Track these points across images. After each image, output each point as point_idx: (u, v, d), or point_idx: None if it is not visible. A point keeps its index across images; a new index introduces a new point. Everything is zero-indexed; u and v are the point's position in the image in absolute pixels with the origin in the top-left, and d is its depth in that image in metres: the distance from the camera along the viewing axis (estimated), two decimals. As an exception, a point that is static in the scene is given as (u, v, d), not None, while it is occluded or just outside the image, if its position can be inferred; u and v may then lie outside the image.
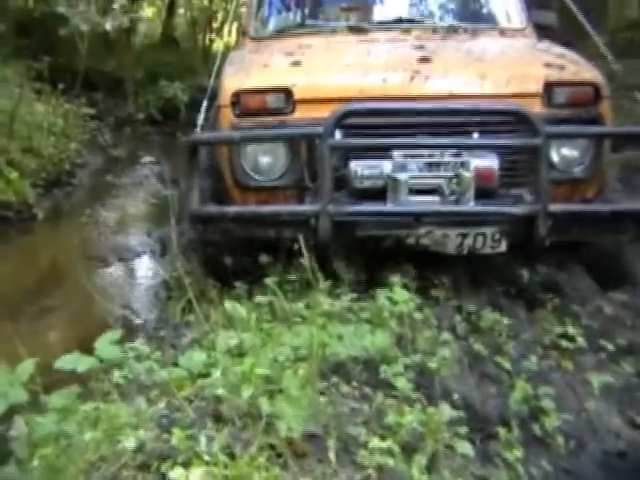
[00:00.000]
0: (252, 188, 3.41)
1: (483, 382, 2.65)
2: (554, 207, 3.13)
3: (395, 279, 2.96)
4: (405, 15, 4.45)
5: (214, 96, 3.68)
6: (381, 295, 2.85)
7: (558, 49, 3.83)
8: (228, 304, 2.76)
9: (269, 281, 3.02)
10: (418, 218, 3.16)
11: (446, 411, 2.21)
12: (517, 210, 3.15)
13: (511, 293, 3.46)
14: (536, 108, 3.27)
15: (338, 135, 3.18)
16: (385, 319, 2.68)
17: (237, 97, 3.36)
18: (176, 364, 2.50)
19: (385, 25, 4.33)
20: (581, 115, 3.36)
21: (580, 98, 3.38)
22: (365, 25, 4.27)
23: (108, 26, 6.52)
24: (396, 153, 3.19)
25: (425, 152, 3.18)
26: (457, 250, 3.23)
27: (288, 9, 4.83)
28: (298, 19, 4.62)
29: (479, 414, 2.38)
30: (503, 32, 4.37)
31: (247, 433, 1.97)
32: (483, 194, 3.17)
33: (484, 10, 4.73)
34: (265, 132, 3.33)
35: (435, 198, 3.16)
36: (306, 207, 3.22)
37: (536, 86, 3.34)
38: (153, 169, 6.91)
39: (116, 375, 2.47)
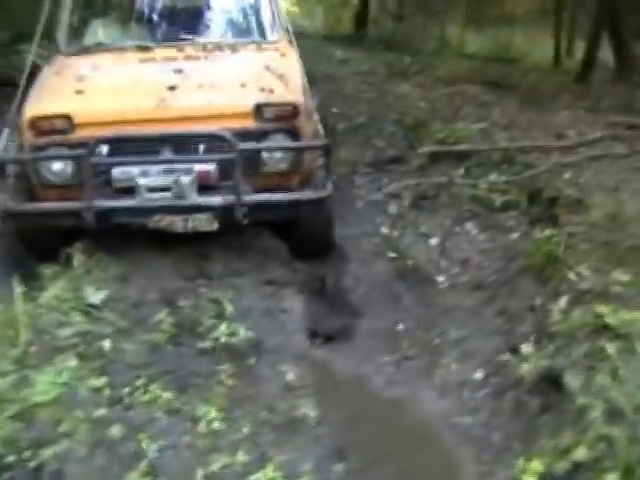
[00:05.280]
0: (51, 186, 4.36)
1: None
2: (247, 198, 4.24)
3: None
4: (182, 34, 5.32)
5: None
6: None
7: (283, 69, 4.77)
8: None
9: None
10: (153, 210, 4.22)
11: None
12: (218, 201, 4.25)
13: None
14: (249, 123, 4.34)
15: (105, 149, 4.24)
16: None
17: (33, 122, 4.30)
18: None
19: (166, 43, 5.22)
20: (283, 127, 4.38)
21: (282, 115, 4.39)
22: (149, 44, 5.16)
23: None
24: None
25: (162, 162, 4.26)
26: (184, 230, 4.28)
27: (94, 26, 5.53)
28: (99, 37, 5.42)
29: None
30: (260, 47, 5.32)
31: None
32: (207, 188, 4.27)
33: (247, 26, 5.62)
34: (42, 154, 4.33)
35: (168, 194, 4.21)
36: (75, 204, 4.22)
37: (249, 107, 4.33)
38: None
39: None
